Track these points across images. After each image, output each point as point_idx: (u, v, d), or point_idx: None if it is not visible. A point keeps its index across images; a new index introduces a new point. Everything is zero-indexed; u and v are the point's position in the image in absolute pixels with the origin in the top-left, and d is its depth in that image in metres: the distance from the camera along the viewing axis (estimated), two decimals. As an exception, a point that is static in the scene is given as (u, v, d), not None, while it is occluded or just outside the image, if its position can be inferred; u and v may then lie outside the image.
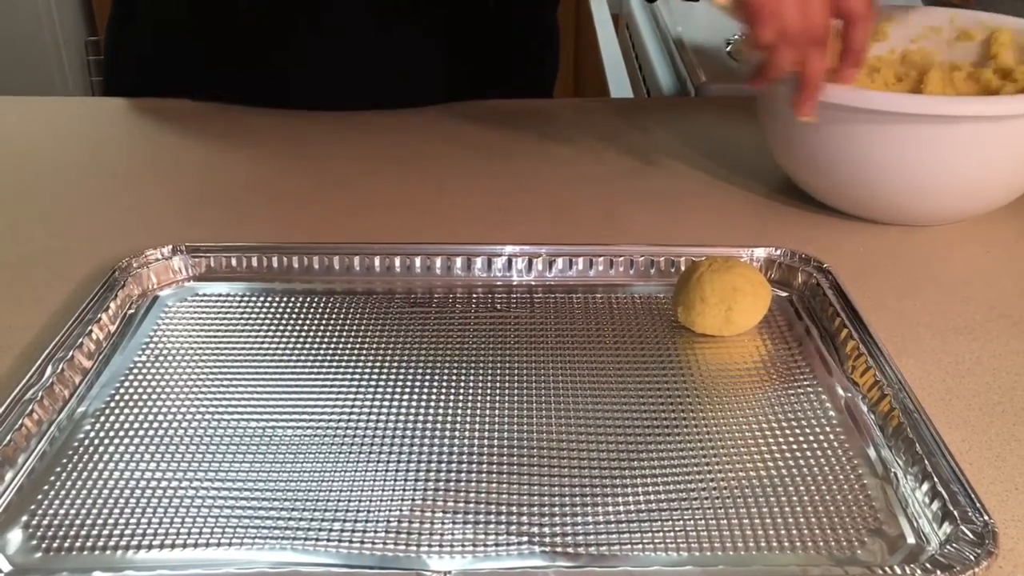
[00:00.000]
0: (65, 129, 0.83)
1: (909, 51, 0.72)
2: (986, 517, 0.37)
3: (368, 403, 0.46)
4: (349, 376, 0.48)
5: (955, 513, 0.38)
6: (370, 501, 0.40)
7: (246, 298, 0.55)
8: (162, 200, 0.69)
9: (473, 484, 0.41)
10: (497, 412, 0.45)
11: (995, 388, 0.48)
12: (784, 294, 0.55)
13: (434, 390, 0.47)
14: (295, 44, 0.81)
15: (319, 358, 0.49)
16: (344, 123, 0.81)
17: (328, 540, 0.38)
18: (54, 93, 1.96)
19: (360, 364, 0.49)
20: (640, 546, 0.38)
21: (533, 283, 0.56)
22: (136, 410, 0.45)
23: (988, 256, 0.61)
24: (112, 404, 0.46)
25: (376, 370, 0.48)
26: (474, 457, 0.42)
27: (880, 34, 0.72)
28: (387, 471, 0.41)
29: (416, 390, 0.47)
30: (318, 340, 0.51)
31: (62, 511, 0.39)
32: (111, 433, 0.44)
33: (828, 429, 0.44)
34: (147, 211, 0.67)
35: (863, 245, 0.62)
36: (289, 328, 0.52)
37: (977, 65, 0.70)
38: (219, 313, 0.53)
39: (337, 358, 0.49)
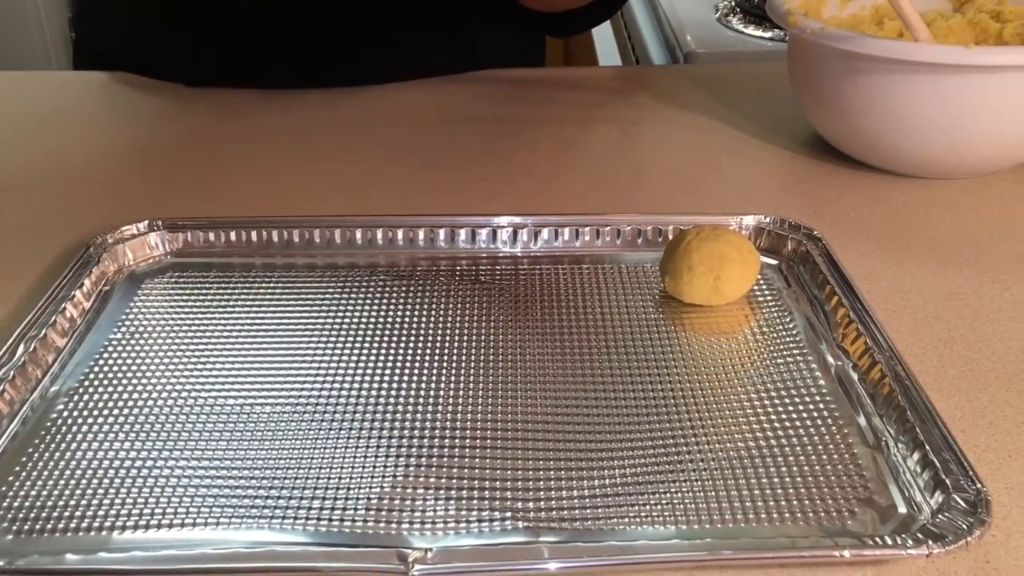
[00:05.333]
0: (38, 103, 0.81)
1: (879, 5, 0.71)
2: (979, 485, 0.36)
3: (349, 378, 0.45)
4: (330, 351, 0.47)
5: (947, 482, 0.37)
6: (349, 478, 0.39)
7: (225, 274, 0.53)
8: (139, 175, 0.67)
9: (455, 459, 0.40)
10: (480, 385, 0.44)
11: (988, 355, 0.47)
12: (774, 262, 0.54)
13: (416, 364, 0.46)
14: (273, 19, 0.79)
15: (299, 333, 0.48)
16: (325, 97, 0.80)
17: (307, 519, 0.37)
18: (37, 69, 1.93)
19: (341, 339, 0.48)
20: (626, 520, 0.37)
21: (519, 254, 0.55)
22: (111, 389, 0.44)
23: (980, 221, 0.60)
24: (86, 383, 0.45)
25: (357, 345, 0.47)
26: (456, 432, 0.41)
27: None
28: (367, 447, 0.41)
29: (398, 364, 0.46)
30: (298, 315, 0.50)
31: (34, 492, 0.38)
32: (84, 413, 0.43)
33: (818, 398, 0.43)
34: (123, 186, 0.65)
35: (854, 210, 0.61)
36: (268, 303, 0.51)
37: (955, 10, 0.70)
38: (197, 289, 0.52)
39: (317, 333, 0.48)
